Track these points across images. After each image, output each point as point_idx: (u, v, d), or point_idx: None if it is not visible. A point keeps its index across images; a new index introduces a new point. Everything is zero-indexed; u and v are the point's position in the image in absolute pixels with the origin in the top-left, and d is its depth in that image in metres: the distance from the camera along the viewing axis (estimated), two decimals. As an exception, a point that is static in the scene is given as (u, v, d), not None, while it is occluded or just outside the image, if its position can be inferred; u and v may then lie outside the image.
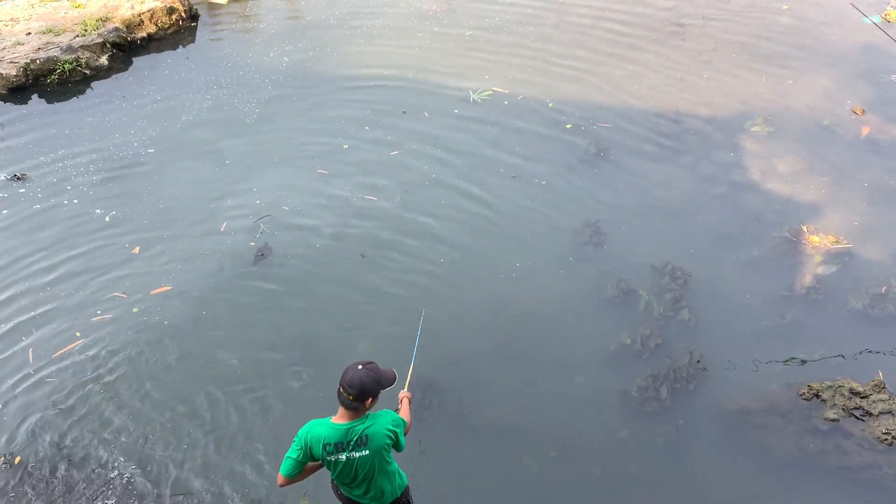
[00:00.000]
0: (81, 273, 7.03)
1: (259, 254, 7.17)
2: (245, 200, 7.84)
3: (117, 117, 9.10)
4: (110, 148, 8.59)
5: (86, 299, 6.77)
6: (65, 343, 6.37)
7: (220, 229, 7.48)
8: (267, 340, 6.43)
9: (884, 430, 5.54)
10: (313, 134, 8.81)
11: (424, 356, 5.21)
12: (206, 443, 5.65)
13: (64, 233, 7.46)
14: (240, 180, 8.12)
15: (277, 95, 9.49)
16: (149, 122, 9.00)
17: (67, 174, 8.22)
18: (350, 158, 8.42)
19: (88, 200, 7.87)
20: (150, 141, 8.70)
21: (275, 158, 8.44)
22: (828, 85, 9.55)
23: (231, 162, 8.40)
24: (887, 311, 6.56)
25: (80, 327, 6.50)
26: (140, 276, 7.01)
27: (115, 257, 7.20)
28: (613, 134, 8.75)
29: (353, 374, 3.73)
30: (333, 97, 9.46)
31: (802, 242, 7.28)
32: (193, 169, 8.32)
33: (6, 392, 6.02)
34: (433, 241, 7.34)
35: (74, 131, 8.88)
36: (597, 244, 7.27)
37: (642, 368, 6.15)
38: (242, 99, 9.42)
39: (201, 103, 9.34)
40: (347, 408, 3.78)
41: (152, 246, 7.32)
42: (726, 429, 5.79)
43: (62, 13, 10.54)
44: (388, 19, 11.14)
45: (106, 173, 8.23)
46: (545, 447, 5.64)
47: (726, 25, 10.87)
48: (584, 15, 11.15)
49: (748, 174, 8.14)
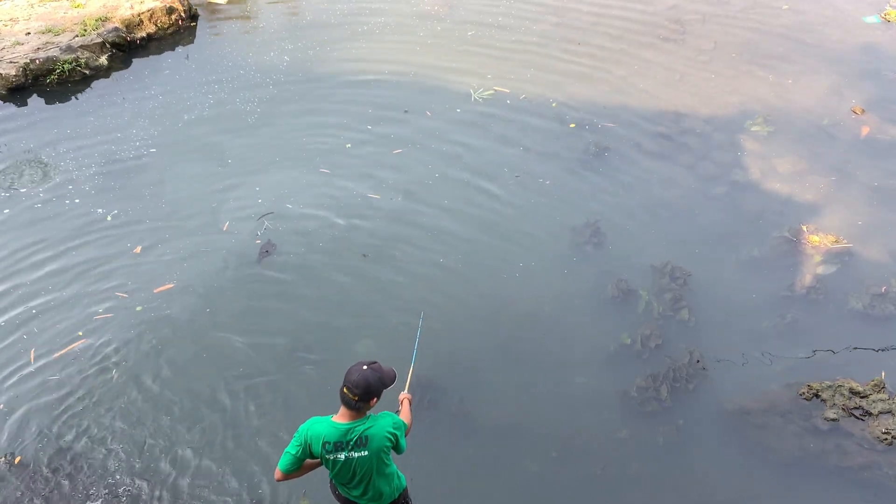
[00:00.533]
0: (83, 272, 7.02)
1: (263, 251, 7.19)
2: (248, 200, 7.84)
3: (118, 117, 9.09)
4: (111, 148, 8.58)
5: (88, 298, 6.77)
6: (67, 343, 6.37)
7: (222, 228, 7.48)
8: (271, 337, 6.42)
9: (883, 429, 5.54)
10: (316, 133, 8.80)
11: (425, 356, 5.23)
12: (209, 443, 5.65)
13: (65, 232, 7.45)
14: (243, 179, 8.12)
15: (278, 94, 9.48)
16: (150, 122, 8.99)
17: (69, 174, 8.20)
18: (354, 156, 8.42)
19: (90, 200, 7.85)
20: (152, 140, 8.69)
21: (277, 157, 8.44)
22: (827, 85, 9.56)
23: (234, 161, 8.40)
24: (887, 311, 6.57)
25: (83, 326, 6.50)
26: (142, 274, 7.01)
27: (117, 256, 7.19)
28: (614, 133, 8.75)
29: (359, 375, 3.72)
30: (335, 96, 9.45)
31: (802, 242, 7.29)
32: (195, 168, 8.31)
33: (7, 391, 6.02)
34: (433, 242, 7.34)
35: (76, 131, 8.87)
36: (597, 244, 7.27)
37: (642, 368, 6.16)
38: (244, 97, 9.42)
39: (202, 103, 9.34)
40: (351, 408, 3.78)
41: (154, 245, 7.31)
42: (726, 429, 5.79)
43: (61, 13, 10.53)
44: (388, 18, 11.13)
45: (109, 173, 8.22)
46: (545, 447, 5.65)
47: (726, 25, 10.86)
48: (584, 14, 11.15)
49: (748, 174, 8.15)
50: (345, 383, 3.75)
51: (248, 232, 7.46)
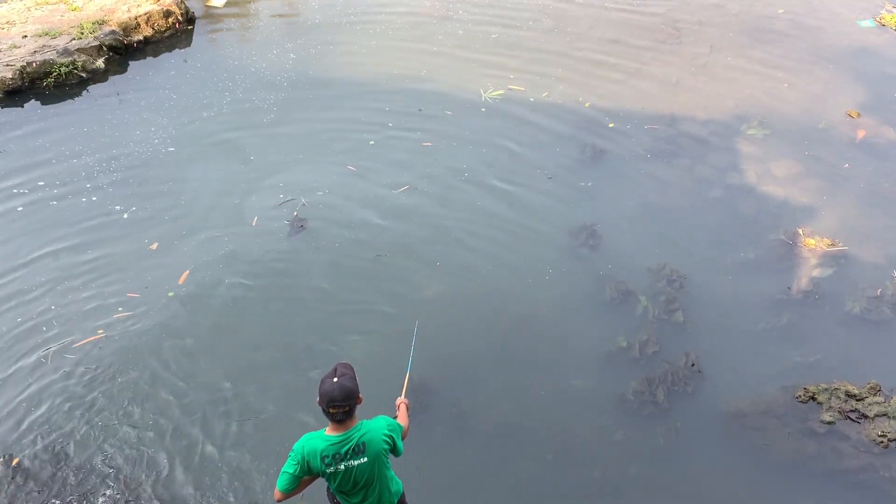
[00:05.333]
0: (98, 270, 7.02)
1: (299, 225, 7.42)
2: (273, 199, 7.88)
3: (117, 119, 9.06)
4: (112, 149, 8.56)
5: (100, 298, 6.75)
6: (82, 339, 6.36)
7: (251, 223, 7.53)
8: (285, 335, 6.44)
9: (879, 432, 5.56)
10: (325, 132, 8.88)
11: (422, 359, 5.22)
12: (211, 443, 5.64)
13: (80, 229, 7.44)
14: (264, 176, 8.15)
15: (290, 94, 9.49)
16: (152, 122, 8.96)
17: (73, 174, 8.17)
18: (377, 153, 8.52)
19: (107, 198, 7.84)
20: (160, 141, 8.67)
21: (300, 155, 8.48)
22: (823, 88, 9.60)
23: (255, 159, 8.42)
24: (883, 314, 6.59)
25: (94, 326, 6.49)
26: (159, 271, 7.00)
27: (134, 254, 7.18)
28: (610, 137, 8.77)
29: (335, 388, 3.63)
30: (345, 96, 9.48)
31: (798, 245, 7.31)
32: (213, 167, 8.30)
33: (13, 392, 5.99)
34: (433, 242, 7.35)
35: (80, 131, 8.82)
36: (593, 247, 7.28)
37: (639, 371, 6.16)
38: (260, 96, 9.45)
39: (210, 103, 9.31)
40: (340, 422, 3.75)
41: (170, 242, 7.30)
42: (723, 431, 5.80)
43: (58, 16, 10.52)
44: (388, 18, 11.16)
45: (122, 173, 8.23)
46: (542, 450, 5.65)
47: (722, 29, 10.91)
48: (581, 18, 11.18)
49: (744, 177, 8.17)
50: (327, 404, 3.65)
51: (272, 228, 7.49)
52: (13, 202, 7.77)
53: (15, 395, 5.98)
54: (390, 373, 5.41)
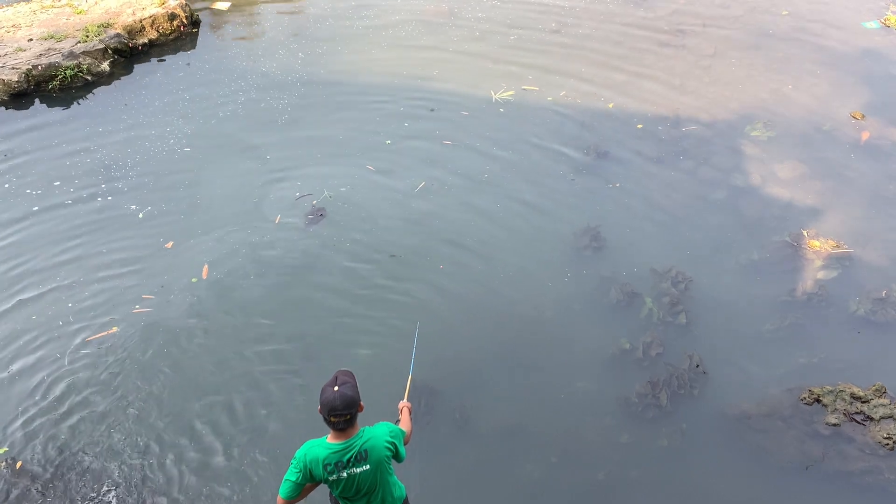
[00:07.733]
0: (110, 267, 7.08)
1: (318, 214, 7.51)
2: (288, 196, 7.93)
3: (135, 118, 9.10)
4: (127, 147, 8.60)
5: (114, 296, 6.80)
6: (97, 332, 6.43)
7: (274, 221, 7.60)
8: (296, 333, 6.47)
9: (885, 434, 5.54)
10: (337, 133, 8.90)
11: (426, 361, 5.23)
12: (212, 444, 5.65)
13: (93, 229, 7.50)
14: (282, 177, 8.20)
15: (301, 95, 9.53)
16: (167, 122, 9.00)
17: (71, 174, 8.22)
18: (396, 153, 8.55)
19: (122, 199, 7.88)
20: (176, 141, 8.72)
21: (318, 154, 8.53)
22: (827, 90, 9.58)
23: (272, 158, 8.47)
24: (888, 316, 6.57)
25: (106, 324, 6.53)
26: (174, 269, 7.04)
27: (149, 252, 7.23)
28: (614, 138, 8.76)
29: (337, 398, 3.64)
30: (355, 96, 9.50)
31: (803, 247, 7.29)
32: (231, 168, 8.34)
33: (8, 391, 6.02)
34: (434, 244, 7.35)
35: (95, 131, 8.87)
36: (597, 249, 7.28)
37: (643, 373, 6.15)
38: (274, 96, 9.51)
39: (223, 105, 9.34)
40: (342, 430, 3.76)
41: (185, 240, 7.35)
42: (727, 434, 5.79)
43: (64, 19, 10.57)
44: (391, 19, 11.17)
45: (140, 169, 8.30)
46: (546, 452, 5.64)
47: (726, 31, 10.89)
48: (585, 20, 11.18)
49: (748, 179, 8.16)
50: (329, 413, 3.65)
51: (292, 224, 7.55)
52: (28, 204, 7.81)
53: (26, 393, 6.00)
54: (393, 374, 5.42)
